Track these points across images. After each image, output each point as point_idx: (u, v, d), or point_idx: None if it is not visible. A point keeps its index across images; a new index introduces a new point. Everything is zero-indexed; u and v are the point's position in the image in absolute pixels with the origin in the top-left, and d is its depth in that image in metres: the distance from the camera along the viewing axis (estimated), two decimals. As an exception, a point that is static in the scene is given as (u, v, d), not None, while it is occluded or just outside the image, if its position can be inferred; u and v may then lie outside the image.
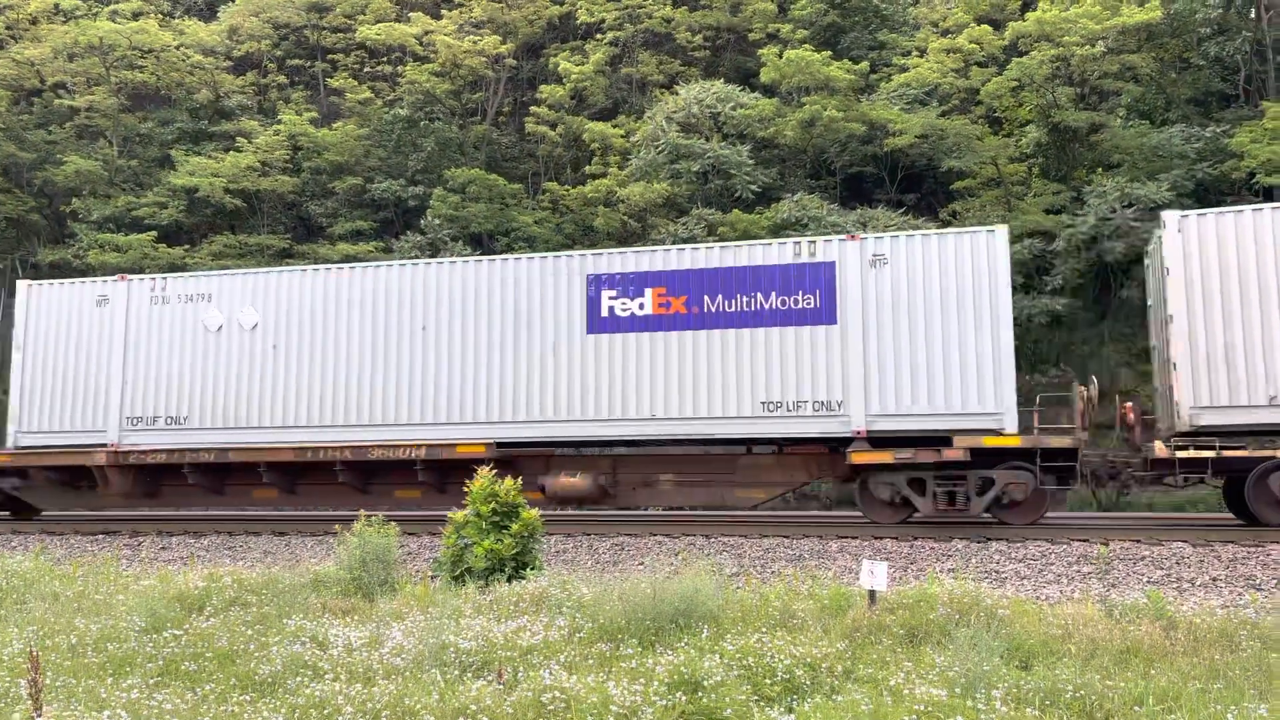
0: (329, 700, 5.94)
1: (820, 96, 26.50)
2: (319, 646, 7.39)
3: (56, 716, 5.26)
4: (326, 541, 13.72)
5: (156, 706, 5.61)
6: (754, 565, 11.61)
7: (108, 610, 8.37)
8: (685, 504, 15.31)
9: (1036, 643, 7.10)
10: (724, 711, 5.71)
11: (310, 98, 33.56)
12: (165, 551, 13.85)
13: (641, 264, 14.69)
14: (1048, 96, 25.41)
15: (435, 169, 29.49)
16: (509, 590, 9.00)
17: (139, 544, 14.29)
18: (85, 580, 10.19)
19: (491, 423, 14.77)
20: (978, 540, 12.31)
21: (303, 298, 15.65)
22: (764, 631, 7.37)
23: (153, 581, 9.58)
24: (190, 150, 30.12)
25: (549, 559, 12.01)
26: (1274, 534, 12.02)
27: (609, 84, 31.00)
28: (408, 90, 30.53)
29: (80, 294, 16.55)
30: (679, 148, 26.13)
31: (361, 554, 9.85)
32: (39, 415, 16.29)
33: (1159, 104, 26.70)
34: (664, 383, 14.20)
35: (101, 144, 30.97)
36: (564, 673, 6.38)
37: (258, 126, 30.47)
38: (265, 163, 29.36)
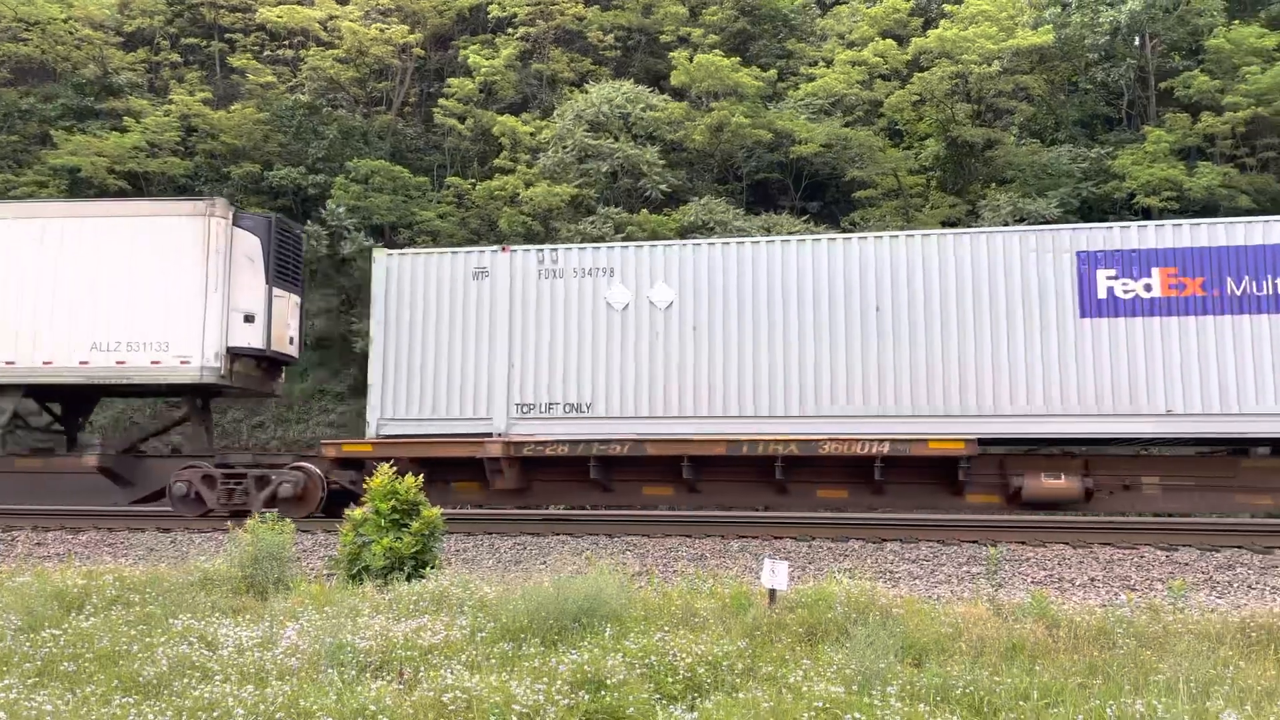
0: (219, 702, 5.74)
1: (729, 102, 26.82)
2: (208, 647, 7.14)
3: (-79, 721, 4.96)
4: (215, 538, 13.26)
5: (36, 708, 5.34)
6: (657, 564, 11.67)
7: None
8: (1170, 510, 14.38)
9: (929, 641, 7.32)
10: (627, 710, 5.73)
11: (206, 78, 32.38)
12: (40, 548, 13.18)
13: (1146, 240, 13.35)
14: (947, 112, 26.26)
15: (337, 158, 28.80)
16: (408, 589, 8.84)
17: (13, 539, 13.56)
18: (-48, 577, 9.62)
19: (968, 416, 13.40)
20: (873, 541, 12.64)
21: (728, 273, 14.36)
22: (667, 630, 7.42)
23: (29, 579, 9.10)
24: (75, 128, 28.72)
25: (450, 558, 11.86)
26: (1145, 535, 12.67)
27: (519, 79, 30.77)
28: (310, 76, 29.75)
29: (452, 265, 15.12)
30: (588, 147, 26.11)
31: (254, 551, 9.56)
32: (406, 402, 14.84)
33: (1049, 124, 27.88)
34: (1179, 374, 12.96)
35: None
36: (466, 672, 6.31)
37: (148, 106, 29.25)
38: (154, 143, 28.19)
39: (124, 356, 15.41)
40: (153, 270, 15.57)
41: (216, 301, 15.40)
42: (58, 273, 15.76)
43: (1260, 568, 11.11)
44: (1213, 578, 10.87)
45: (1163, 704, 5.83)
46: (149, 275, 15.57)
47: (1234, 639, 7.50)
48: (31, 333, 15.68)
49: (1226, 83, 24.52)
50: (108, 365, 15.48)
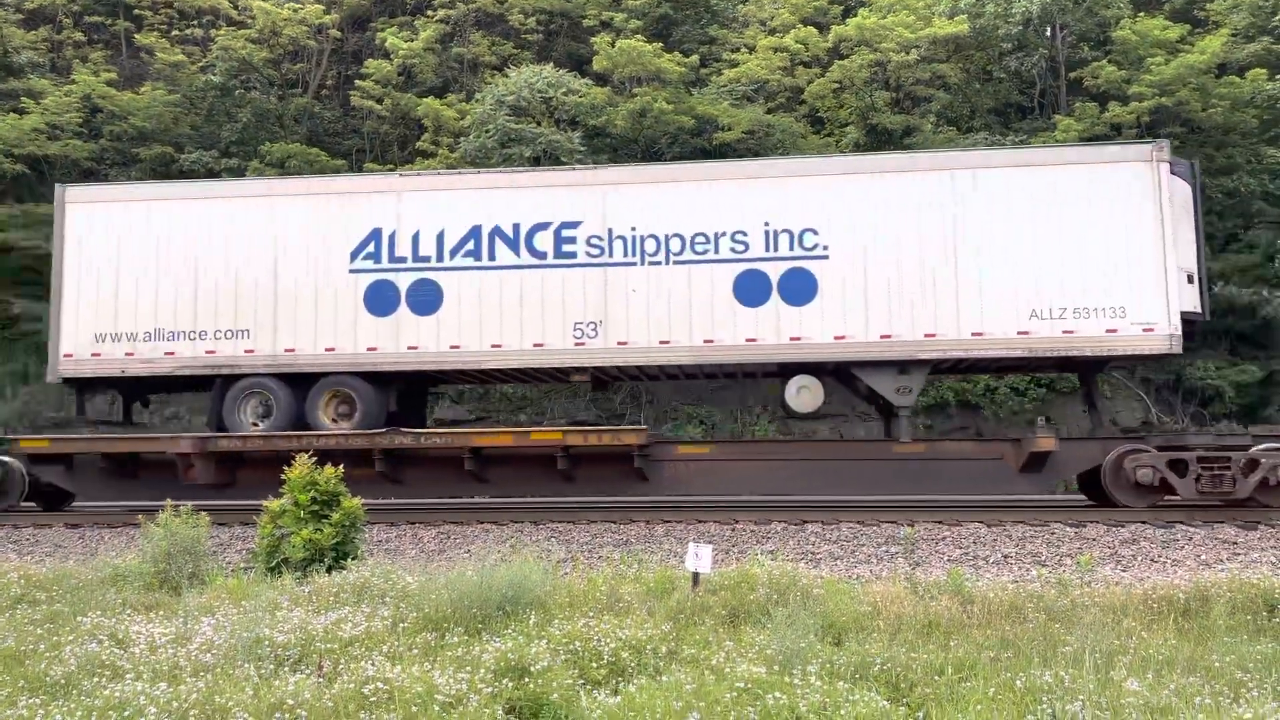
0: (130, 701, 5.59)
1: (652, 88, 26.81)
2: (119, 645, 6.94)
3: None
4: (127, 533, 12.87)
5: (-71, 716, 5.12)
6: (582, 551, 11.68)
7: None
8: None
9: (849, 620, 7.47)
10: (550, 696, 5.73)
11: (112, 58, 31.17)
12: (-61, 547, 12.63)
13: None
14: (866, 99, 26.63)
15: (252, 141, 28.02)
16: (329, 581, 8.71)
17: (-93, 539, 12.97)
18: None
19: None
20: (795, 523, 12.83)
21: None
22: (591, 616, 7.44)
23: (-76, 580, 8.73)
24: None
25: (372, 549, 11.70)
26: (1056, 514, 13.10)
27: (439, 62, 30.29)
28: (221, 56, 28.85)
29: None
30: (510, 131, 25.87)
31: (167, 546, 9.31)
32: None
33: (965, 112, 28.46)
34: None
35: None
36: (387, 663, 6.24)
37: (49, 86, 28.05)
38: (55, 125, 27.06)
39: (1072, 325, 13.45)
40: (1092, 224, 13.59)
41: (1171, 260, 13.51)
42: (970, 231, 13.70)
43: (1162, 542, 11.58)
44: (1118, 552, 11.29)
45: (1069, 674, 6.06)
46: (1086, 231, 13.62)
47: (1137, 610, 7.82)
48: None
49: (1132, 73, 25.34)
50: (1051, 335, 13.49)
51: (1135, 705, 5.54)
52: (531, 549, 10.32)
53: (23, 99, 27.41)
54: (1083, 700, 5.59)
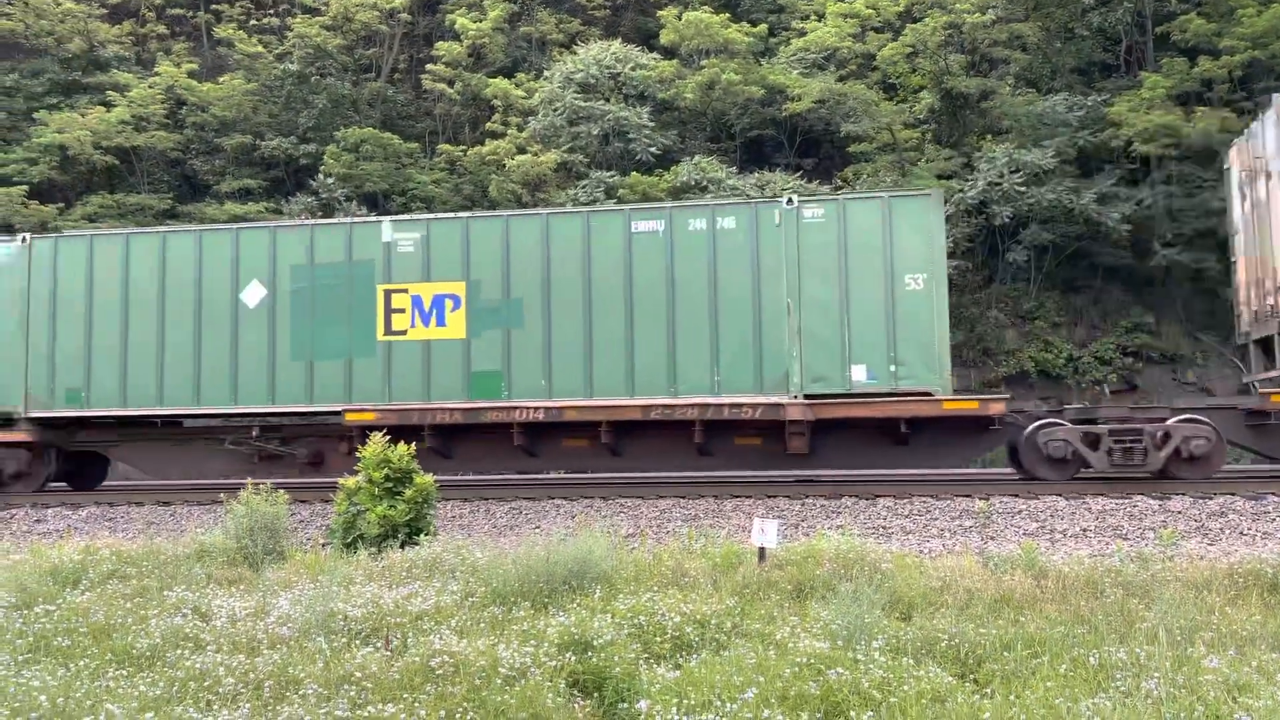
0: (210, 671, 5.81)
1: (720, 59, 26.53)
2: (201, 618, 7.21)
3: (-88, 699, 5.01)
4: (214, 511, 13.33)
5: (24, 684, 5.39)
6: (650, 526, 11.73)
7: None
8: None
9: (917, 595, 7.37)
10: (613, 670, 5.78)
11: (193, 50, 32.07)
12: (40, 524, 13.27)
13: None
14: (940, 63, 25.94)
15: (328, 126, 28.59)
16: (402, 556, 8.91)
17: (10, 516, 13.65)
18: (-51, 556, 9.70)
19: None
20: (866, 498, 12.68)
21: None
22: (656, 590, 7.47)
23: (24, 555, 9.17)
24: (62, 104, 28.49)
25: (445, 525, 11.92)
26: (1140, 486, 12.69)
27: (508, 42, 30.45)
28: (297, 44, 29.43)
29: None
30: (578, 109, 25.89)
31: (249, 523, 9.61)
32: None
33: (1045, 72, 27.53)
34: None
35: (-36, 95, 29.08)
36: (454, 637, 6.36)
37: (134, 79, 28.99)
38: (141, 117, 27.96)
39: None
40: None
41: None
42: None
43: (1252, 514, 11.14)
44: (1205, 525, 10.91)
45: (1145, 651, 5.88)
46: None
47: (1221, 585, 7.54)
48: None
49: (1223, 25, 24.18)
50: None
51: (1214, 683, 5.36)
52: (600, 524, 10.40)
53: (109, 93, 28.39)
54: (1158, 678, 5.43)
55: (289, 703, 5.22)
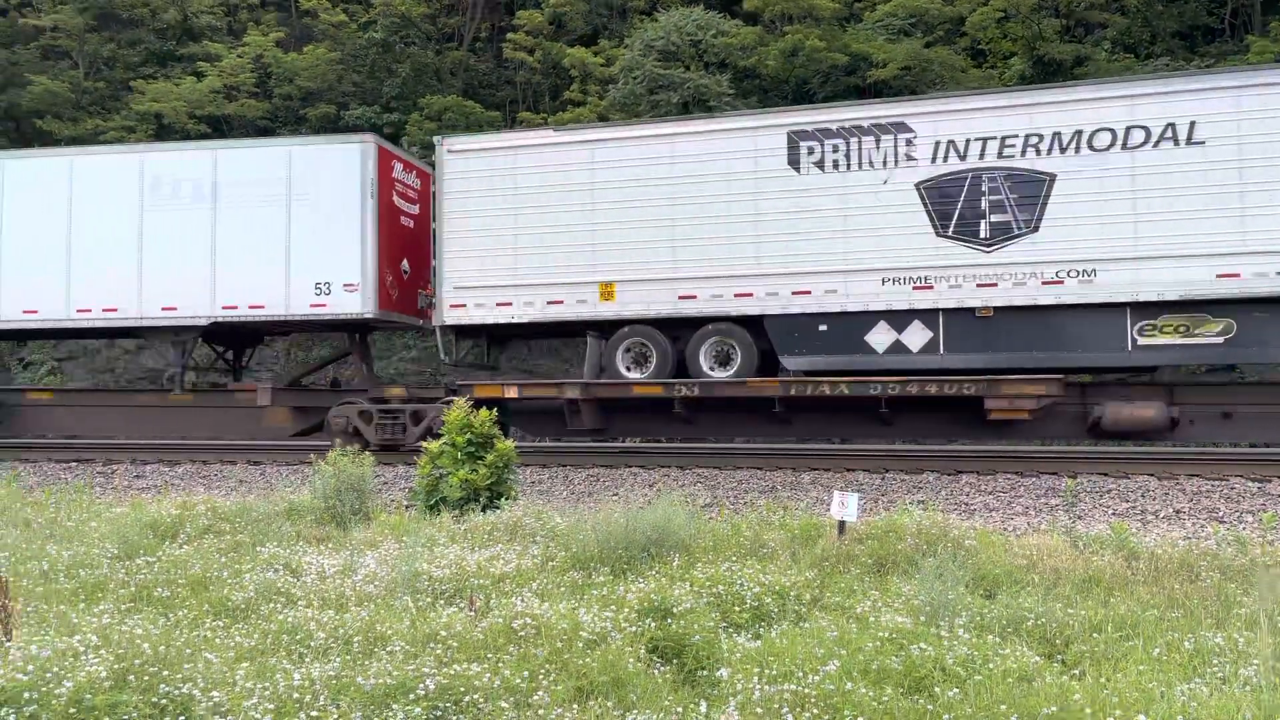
0: (301, 626, 5.98)
1: (803, 25, 26.07)
2: (292, 574, 7.43)
3: (26, 641, 5.27)
4: (302, 471, 13.72)
5: (128, 631, 5.62)
6: (727, 496, 11.72)
7: (80, 537, 8.36)
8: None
9: (1001, 573, 7.22)
10: (692, 638, 5.79)
11: (282, 19, 32.66)
12: (140, 480, 13.83)
13: None
14: (1033, 28, 25.10)
15: (411, 95, 28.91)
16: (483, 520, 9.06)
17: (113, 472, 14.25)
18: (57, 508, 10.17)
19: None
20: (949, 473, 12.48)
21: None
22: (734, 560, 7.47)
23: (126, 509, 9.56)
24: (158, 74, 29.33)
25: (524, 489, 12.09)
26: (1236, 466, 12.24)
27: (588, 9, 30.33)
28: (382, 12, 29.78)
29: None
30: (658, 77, 25.71)
31: (336, 483, 9.87)
32: None
33: (1145, 37, 26.44)
34: None
35: (66, 65, 30.09)
36: (536, 600, 6.44)
37: (225, 49, 29.67)
38: (232, 86, 28.63)
39: None
40: None
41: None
42: None
43: (1359, 499, 10.67)
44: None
45: (1244, 637, 5.68)
46: None
47: (1326, 572, 7.24)
48: None
49: (1340, -14, 22.93)
50: None
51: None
52: (677, 493, 10.43)
53: (200, 63, 29.12)
54: (1258, 665, 5.24)
55: (377, 658, 5.35)
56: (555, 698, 4.85)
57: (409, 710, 4.60)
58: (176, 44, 30.72)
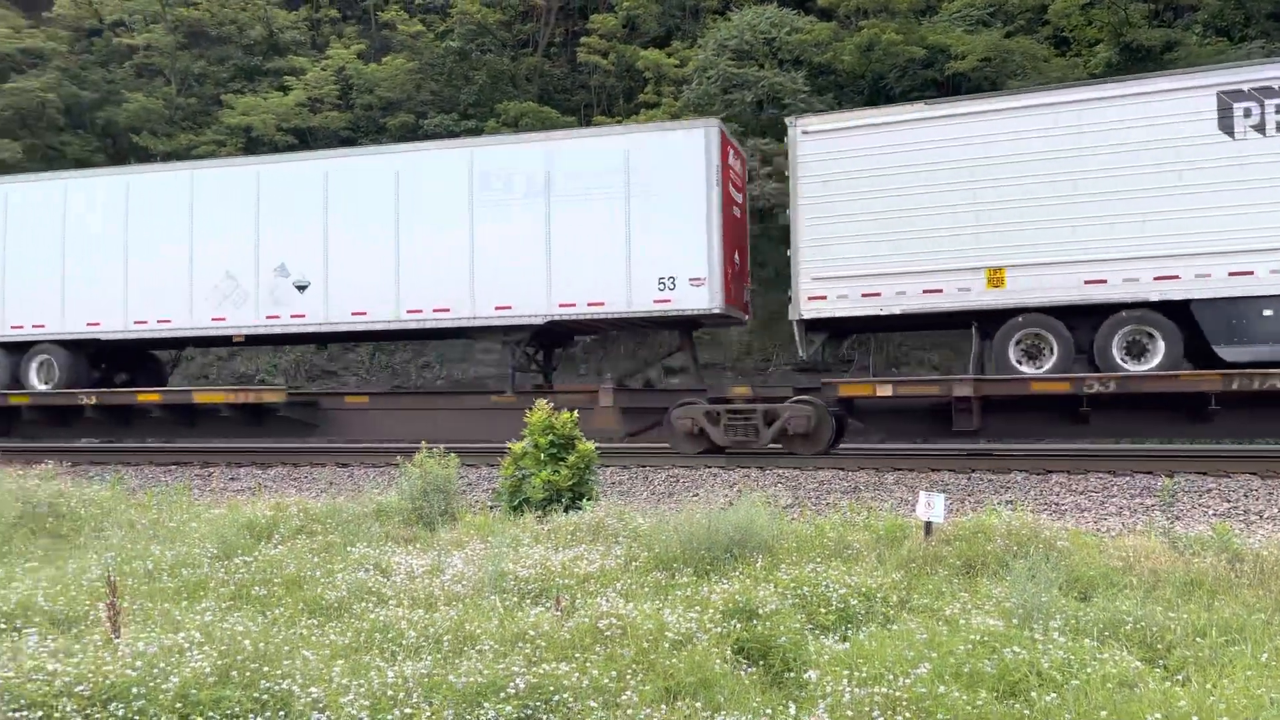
0: (392, 625, 6.11)
1: (879, 20, 25.72)
2: (382, 573, 7.59)
3: (134, 637, 5.48)
4: (388, 472, 14.02)
5: (229, 629, 5.81)
6: (809, 497, 11.62)
7: (181, 538, 8.67)
8: None
9: (1096, 574, 7.03)
10: (778, 639, 5.76)
11: (363, 31, 33.44)
12: (234, 482, 14.28)
13: None
14: (1119, 13, 24.34)
15: (487, 102, 29.31)
16: (566, 520, 9.14)
17: (209, 474, 14.74)
18: (159, 509, 10.56)
19: None
20: (1038, 473, 12.17)
21: None
22: (818, 562, 7.41)
23: (223, 510, 9.89)
24: (246, 88, 30.28)
25: (605, 490, 12.15)
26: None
27: (661, 10, 30.38)
28: (459, 21, 30.27)
29: None
30: (732, 76, 25.62)
31: (423, 484, 10.05)
32: None
33: (1238, 19, 25.42)
34: None
35: (159, 82, 31.24)
36: (620, 600, 6.48)
37: (308, 63, 30.50)
38: (315, 99, 29.41)
39: None
40: None
41: None
42: None
43: None
44: None
45: (1360, 643, 5.44)
46: None
47: None
48: None
49: None
50: None
51: None
52: (759, 494, 10.37)
53: (286, 77, 29.97)
54: (1376, 673, 5.01)
55: (467, 657, 5.44)
56: (643, 698, 4.87)
57: (500, 709, 4.67)
58: (263, 59, 31.66)
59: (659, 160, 14.47)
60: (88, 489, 10.93)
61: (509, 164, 15.11)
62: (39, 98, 29.08)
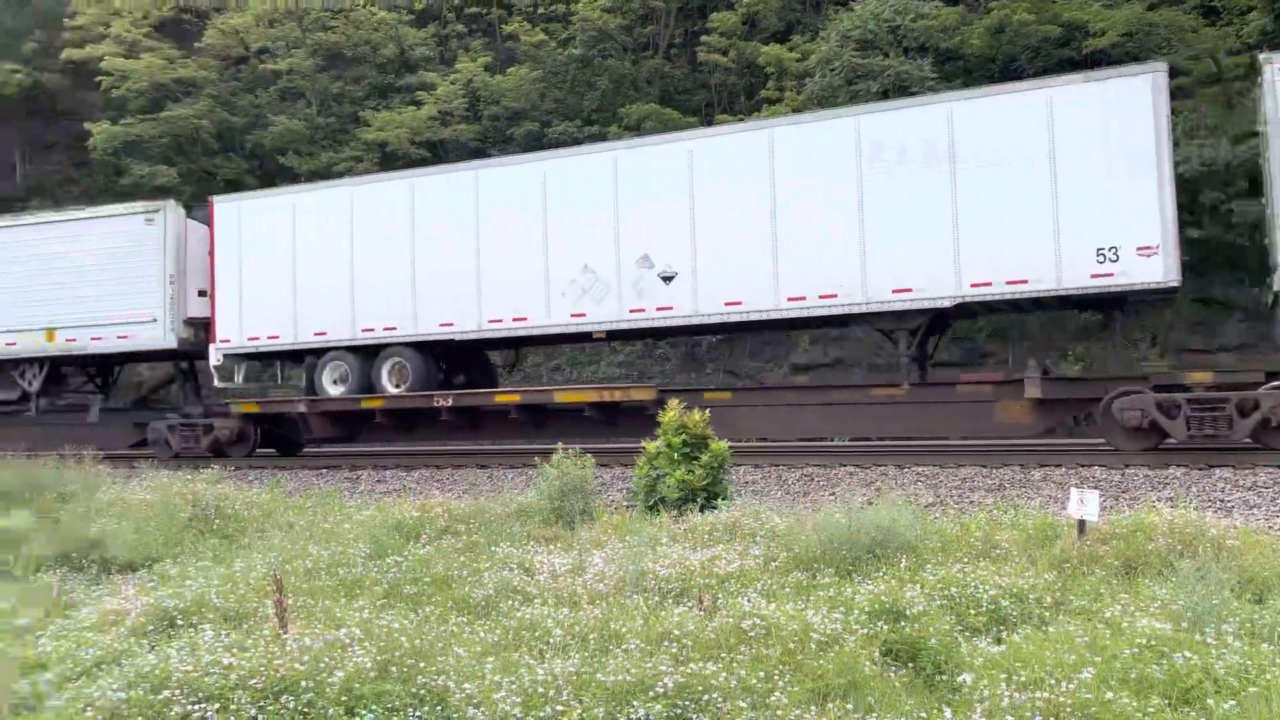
0: (539, 623, 6.24)
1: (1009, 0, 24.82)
2: (526, 572, 7.76)
3: (299, 633, 5.76)
4: (525, 473, 14.32)
5: (385, 625, 6.05)
6: (950, 495, 11.30)
7: (336, 538, 9.06)
8: None
9: (1272, 575, 6.60)
10: (928, 641, 5.63)
11: (488, 44, 34.31)
12: (381, 484, 14.83)
13: None
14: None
15: (610, 107, 29.63)
16: (702, 520, 9.14)
17: (358, 477, 15.36)
18: (314, 511, 11.07)
19: None
20: (1199, 468, 11.51)
21: None
22: (965, 562, 7.19)
23: (372, 512, 10.29)
24: (380, 105, 31.47)
25: (738, 489, 12.10)
26: None
27: (781, 5, 30.10)
28: (580, 28, 30.71)
29: None
30: (856, 68, 25.16)
31: (560, 485, 10.23)
32: None
33: None
34: None
35: (301, 104, 32.78)
36: (762, 600, 6.45)
37: (438, 78, 31.47)
38: (445, 112, 30.31)
39: None
40: None
41: None
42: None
43: None
44: None
45: None
46: None
47: None
48: None
49: None
50: None
51: None
52: (898, 493, 10.15)
53: (418, 92, 31.01)
54: None
55: (614, 655, 5.50)
56: (793, 699, 4.83)
57: (650, 707, 4.70)
58: (395, 76, 32.85)
59: (1091, 116, 12.86)
60: (249, 492, 11.55)
61: (903, 130, 13.80)
62: (193, 124, 30.96)
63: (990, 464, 12.57)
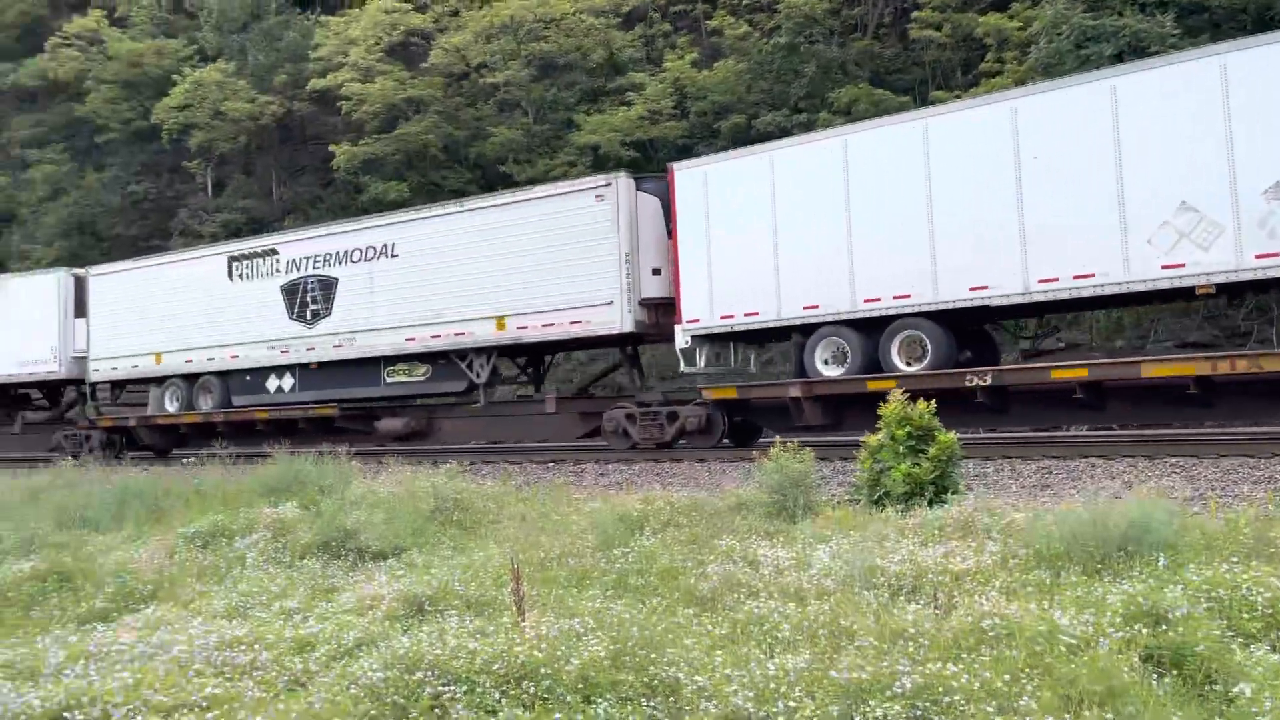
0: (766, 617, 6.20)
1: (1266, -60, 22.43)
2: (750, 566, 7.73)
3: (536, 621, 5.99)
4: (743, 466, 14.29)
5: (615, 616, 6.19)
6: (1211, 488, 10.32)
7: (565, 529, 9.37)
8: None
9: None
10: (1195, 647, 5.15)
11: (694, 40, 34.54)
12: (604, 478, 15.22)
13: None
14: None
15: (818, 93, 29.10)
16: (931, 514, 8.80)
17: (582, 471, 15.84)
18: (544, 503, 11.51)
19: None
20: None
21: None
22: (1235, 561, 6.54)
23: (598, 504, 10.57)
24: (591, 110, 32.36)
25: (970, 483, 11.56)
26: None
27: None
28: (786, 16, 30.34)
29: None
30: (1087, 30, 23.45)
31: (780, 478, 10.13)
32: None
33: None
34: None
35: (518, 114, 34.20)
36: (1002, 599, 6.12)
37: (646, 78, 31.97)
38: (654, 111, 30.75)
39: None
40: None
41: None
42: None
43: None
44: None
45: None
46: None
47: None
48: None
49: None
50: None
51: None
52: (1150, 485, 9.39)
53: (627, 94, 31.65)
54: None
55: (845, 652, 5.38)
56: (1043, 705, 4.55)
57: (888, 708, 4.56)
58: (605, 80, 33.67)
59: None
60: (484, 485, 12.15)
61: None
62: (421, 140, 32.98)
63: (1258, 454, 11.39)
